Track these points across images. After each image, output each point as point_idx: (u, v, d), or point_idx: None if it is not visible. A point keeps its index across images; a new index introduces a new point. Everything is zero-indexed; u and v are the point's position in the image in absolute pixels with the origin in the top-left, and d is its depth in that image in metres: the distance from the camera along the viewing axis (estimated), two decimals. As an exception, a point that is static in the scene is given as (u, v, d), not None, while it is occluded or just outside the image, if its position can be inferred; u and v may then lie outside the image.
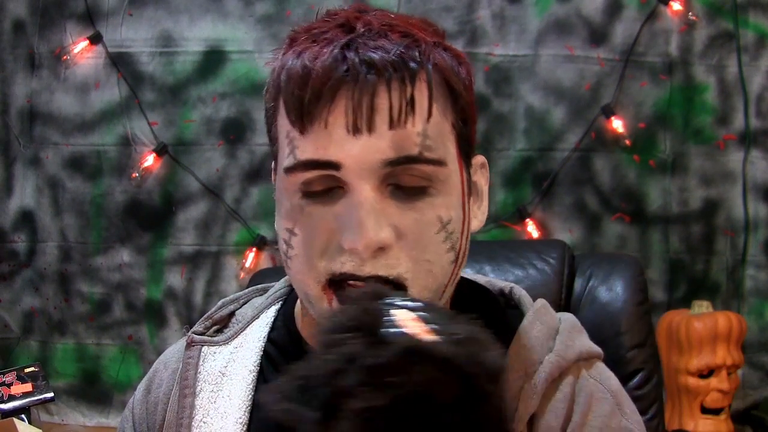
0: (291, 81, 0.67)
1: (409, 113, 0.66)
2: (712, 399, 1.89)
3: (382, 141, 0.66)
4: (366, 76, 0.65)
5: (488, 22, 2.19)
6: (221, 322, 0.87)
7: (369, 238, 0.65)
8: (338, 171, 0.66)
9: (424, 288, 0.69)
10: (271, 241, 2.25)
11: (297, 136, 0.68)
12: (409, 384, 0.48)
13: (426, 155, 0.67)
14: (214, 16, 2.26)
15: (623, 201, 2.19)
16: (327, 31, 0.69)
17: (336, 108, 0.65)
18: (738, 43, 2.17)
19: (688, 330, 1.89)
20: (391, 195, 0.67)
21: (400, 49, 0.66)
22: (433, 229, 0.68)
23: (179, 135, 2.28)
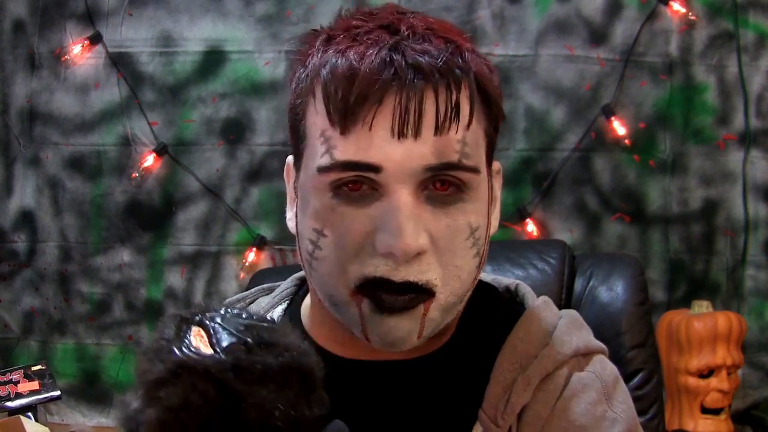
0: (335, 79, 0.66)
1: (453, 120, 0.66)
2: (712, 399, 1.88)
3: (425, 147, 0.65)
4: (414, 81, 0.65)
5: (488, 22, 2.19)
6: None
7: (408, 244, 0.65)
8: (377, 174, 0.66)
9: (451, 293, 0.69)
10: (271, 241, 2.25)
11: (335, 136, 0.67)
12: (170, 396, 0.53)
13: (464, 162, 0.67)
14: (214, 16, 2.25)
15: (623, 201, 2.19)
16: (370, 32, 0.68)
17: (382, 110, 0.65)
18: (738, 43, 2.17)
19: (688, 330, 1.89)
20: (426, 200, 0.67)
21: (446, 54, 0.66)
22: (463, 236, 0.69)
23: (179, 135, 2.28)
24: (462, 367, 0.76)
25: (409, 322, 0.68)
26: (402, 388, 0.75)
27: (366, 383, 0.76)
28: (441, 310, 0.69)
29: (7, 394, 1.14)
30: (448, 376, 0.76)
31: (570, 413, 0.72)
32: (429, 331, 0.70)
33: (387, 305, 0.67)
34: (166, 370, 0.54)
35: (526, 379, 0.72)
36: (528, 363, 0.73)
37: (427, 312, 0.68)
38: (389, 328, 0.68)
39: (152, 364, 0.56)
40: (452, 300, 0.69)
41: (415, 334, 0.69)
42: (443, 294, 0.68)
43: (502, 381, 0.73)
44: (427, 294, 0.67)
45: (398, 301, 0.67)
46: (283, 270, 2.03)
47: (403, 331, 0.68)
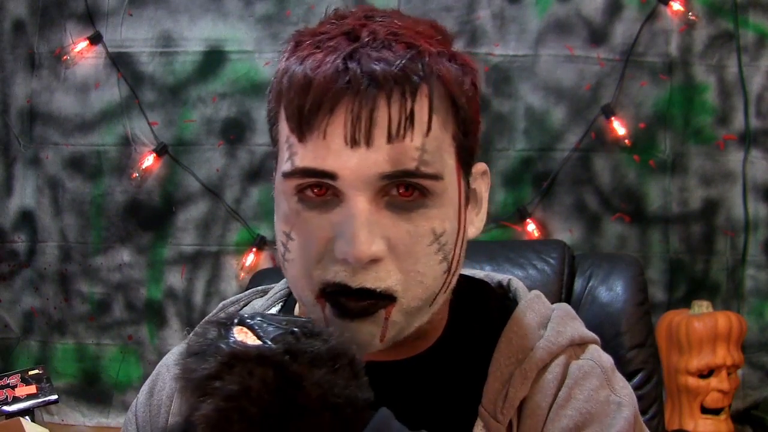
0: (292, 88, 0.67)
1: (408, 128, 0.66)
2: (712, 399, 1.89)
3: (380, 154, 0.65)
4: (367, 89, 0.64)
5: (488, 22, 2.19)
6: None
7: (361, 251, 0.65)
8: (334, 181, 0.66)
9: (414, 298, 0.69)
10: (270, 241, 2.25)
11: (296, 143, 0.68)
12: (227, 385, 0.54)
13: (423, 170, 0.67)
14: (214, 16, 2.26)
15: (623, 201, 2.19)
16: (332, 38, 0.68)
17: (335, 119, 0.65)
18: (738, 43, 2.17)
19: (688, 330, 1.89)
20: (386, 206, 0.67)
21: (403, 61, 0.65)
22: (426, 241, 0.68)
23: (179, 135, 2.28)
24: (457, 363, 0.77)
25: (371, 326, 0.68)
26: (398, 389, 0.75)
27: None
28: (404, 314, 0.69)
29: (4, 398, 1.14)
30: (444, 374, 0.76)
31: (575, 401, 0.73)
32: (393, 334, 0.70)
33: (346, 310, 0.68)
34: (219, 363, 0.55)
35: (523, 372, 0.73)
36: (524, 356, 0.74)
37: (389, 316, 0.68)
38: (350, 333, 0.68)
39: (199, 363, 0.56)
40: (416, 304, 0.69)
41: (377, 337, 0.69)
42: (405, 299, 0.68)
43: (500, 376, 0.73)
44: (387, 300, 0.68)
45: (357, 306, 0.67)
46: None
47: (364, 335, 0.69)
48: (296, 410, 0.54)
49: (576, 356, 0.76)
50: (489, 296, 0.83)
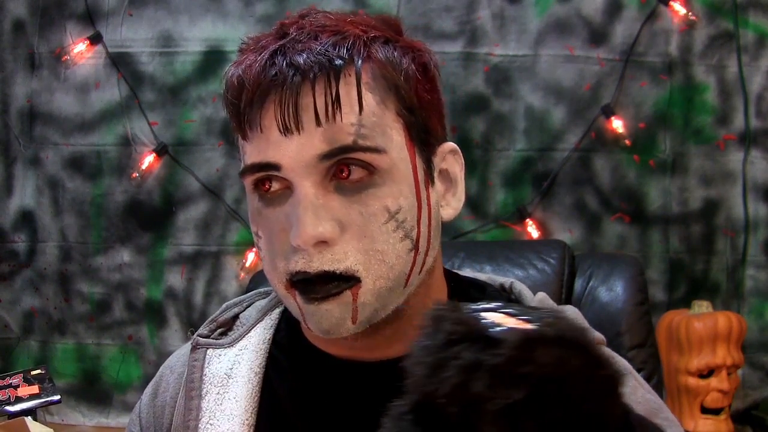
0: (229, 92, 0.71)
1: (336, 109, 0.68)
2: (712, 399, 1.88)
3: (313, 138, 0.68)
4: (292, 78, 0.68)
5: (488, 22, 2.19)
6: (226, 325, 0.88)
7: (306, 232, 0.67)
8: (279, 171, 0.69)
9: (378, 277, 0.70)
10: (271, 241, 2.25)
11: (243, 143, 0.72)
12: (539, 369, 0.48)
13: (361, 143, 0.68)
14: (214, 16, 2.26)
15: (623, 201, 2.19)
16: (264, 39, 0.72)
17: (267, 112, 0.69)
18: (738, 43, 2.17)
19: (688, 330, 1.89)
20: (335, 190, 0.69)
21: (326, 48, 0.69)
22: (381, 220, 0.70)
23: (179, 135, 2.28)
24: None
25: (339, 308, 0.70)
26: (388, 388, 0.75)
27: (358, 383, 0.76)
28: (372, 295, 0.70)
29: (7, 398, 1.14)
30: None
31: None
32: (366, 316, 0.71)
33: (312, 294, 0.70)
34: (514, 348, 0.48)
35: None
36: None
37: (357, 298, 0.70)
38: (321, 315, 0.70)
39: (471, 352, 0.49)
40: (383, 284, 0.70)
41: (349, 319, 0.70)
42: (369, 279, 0.69)
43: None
44: (352, 280, 0.69)
45: (321, 289, 0.69)
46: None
47: (335, 318, 0.70)
48: (603, 394, 0.49)
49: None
50: (490, 297, 0.83)
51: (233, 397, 0.80)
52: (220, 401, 0.80)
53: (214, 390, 0.81)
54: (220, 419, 0.79)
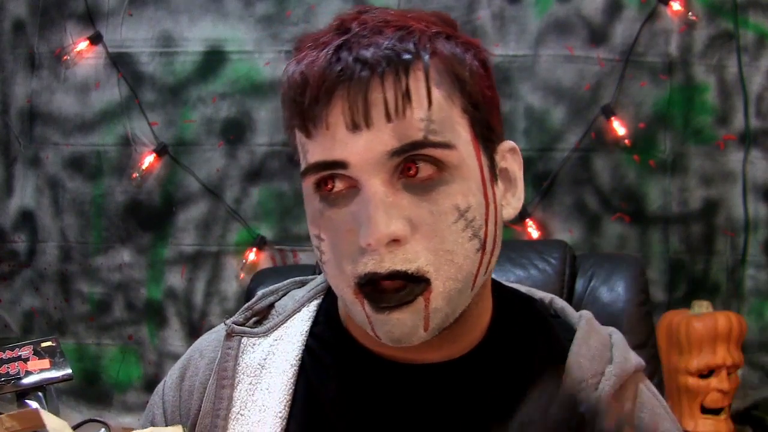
0: (292, 89, 0.68)
1: (406, 104, 0.66)
2: (712, 399, 1.88)
3: (383, 134, 0.66)
4: (360, 74, 0.65)
5: (488, 22, 2.19)
6: (261, 314, 0.86)
7: (380, 231, 0.65)
8: (346, 169, 0.67)
9: (448, 279, 0.68)
10: (271, 241, 2.25)
11: (306, 141, 0.69)
12: None
13: (431, 138, 0.66)
14: (214, 16, 2.25)
15: (623, 201, 2.19)
16: (325, 35, 0.69)
17: (334, 108, 0.66)
18: (738, 43, 2.17)
19: (688, 330, 1.89)
20: (404, 188, 0.67)
21: (393, 42, 0.66)
22: (451, 219, 0.68)
23: (179, 135, 2.28)
24: (498, 372, 0.76)
25: (412, 317, 0.68)
26: (439, 391, 0.75)
27: (403, 385, 0.75)
28: (443, 299, 0.68)
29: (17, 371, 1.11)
30: (484, 381, 0.75)
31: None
32: (437, 323, 0.69)
33: (384, 303, 0.67)
34: None
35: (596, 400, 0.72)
36: (595, 381, 0.73)
37: (429, 303, 0.67)
38: (392, 325, 0.68)
39: None
40: (452, 286, 0.68)
41: (421, 327, 0.68)
42: (439, 281, 0.67)
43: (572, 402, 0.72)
44: (422, 283, 0.67)
45: (393, 297, 0.67)
46: (284, 270, 2.03)
47: (407, 327, 0.68)
48: None
49: (636, 382, 0.76)
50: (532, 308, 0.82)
51: (266, 388, 0.79)
52: (252, 392, 0.79)
53: (246, 380, 0.80)
54: (251, 410, 0.78)
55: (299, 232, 2.24)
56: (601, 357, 0.75)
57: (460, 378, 0.75)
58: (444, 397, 0.74)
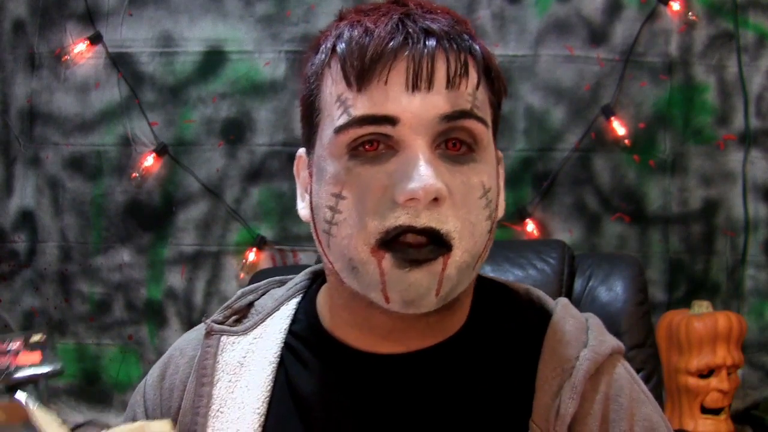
0: (351, 43, 0.70)
1: (463, 76, 0.70)
2: (712, 399, 1.88)
3: (439, 97, 0.69)
4: (425, 41, 0.69)
5: (488, 22, 2.19)
6: (240, 312, 0.87)
7: (431, 183, 0.66)
8: (394, 126, 0.68)
9: (465, 250, 0.70)
10: (271, 241, 2.25)
11: (352, 96, 0.70)
12: None
13: (476, 112, 0.70)
14: (214, 16, 2.26)
15: (623, 201, 2.19)
16: (380, 7, 0.73)
17: (396, 67, 0.69)
18: (738, 43, 2.17)
19: (688, 330, 1.89)
20: (440, 157, 0.70)
21: (451, 24, 0.71)
22: (477, 194, 0.71)
23: (179, 135, 2.28)
24: (482, 360, 0.77)
25: (428, 278, 0.69)
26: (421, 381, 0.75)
27: (385, 378, 0.76)
28: (457, 269, 0.70)
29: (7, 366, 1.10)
30: (467, 367, 0.76)
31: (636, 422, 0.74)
32: (446, 290, 0.70)
33: (410, 256, 0.68)
34: None
35: (570, 386, 0.72)
36: (569, 365, 0.74)
37: (446, 267, 0.69)
38: (409, 283, 0.69)
39: None
40: (466, 259, 0.70)
41: (434, 290, 0.69)
42: (459, 250, 0.69)
43: (548, 389, 0.73)
44: (446, 247, 0.69)
45: (420, 252, 0.68)
46: (283, 270, 2.03)
47: (422, 288, 0.69)
48: None
49: (614, 366, 0.76)
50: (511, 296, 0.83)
51: (245, 385, 0.79)
52: (231, 389, 0.80)
53: (226, 377, 0.81)
54: (230, 407, 0.79)
55: (299, 232, 2.24)
56: (576, 341, 0.76)
57: (439, 368, 0.76)
58: (423, 388, 0.75)
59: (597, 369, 0.74)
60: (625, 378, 0.76)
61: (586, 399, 0.73)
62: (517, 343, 0.77)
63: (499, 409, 0.74)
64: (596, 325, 0.79)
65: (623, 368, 0.77)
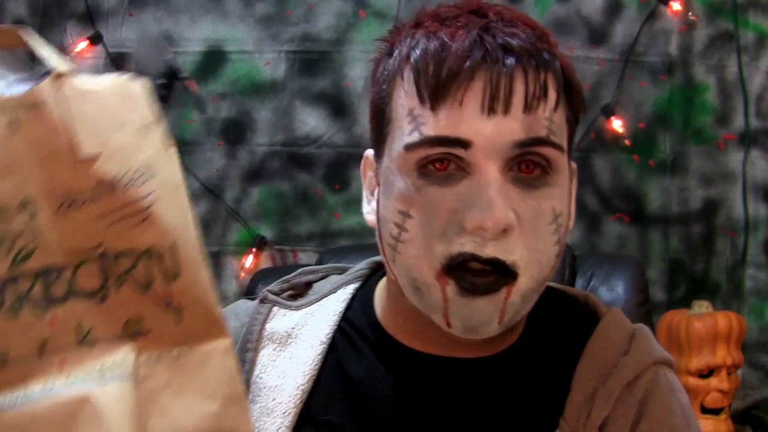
0: (427, 57, 0.67)
1: (541, 100, 0.67)
2: (712, 399, 1.88)
3: (515, 123, 0.66)
4: (504, 60, 0.66)
5: (488, 22, 2.19)
6: (297, 289, 0.86)
7: (499, 216, 0.64)
8: (466, 150, 0.66)
9: (531, 278, 0.68)
10: (271, 241, 2.25)
11: (425, 113, 0.67)
12: None
13: (552, 138, 0.67)
14: (214, 16, 2.25)
15: (623, 201, 2.19)
16: (459, 16, 0.69)
17: (473, 87, 0.66)
18: (738, 43, 2.17)
19: (688, 330, 1.89)
20: (512, 181, 0.67)
21: (533, 39, 0.68)
22: (547, 220, 0.68)
23: (179, 135, 2.28)
24: (535, 367, 0.76)
25: (491, 306, 0.68)
26: (473, 387, 0.75)
27: (437, 379, 0.75)
28: (521, 296, 0.69)
29: None
30: (520, 376, 0.75)
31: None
32: (509, 317, 0.69)
33: (472, 286, 0.67)
34: None
35: (606, 390, 0.71)
36: (608, 371, 0.72)
37: (509, 296, 0.68)
38: (472, 311, 0.68)
39: None
40: (532, 285, 0.69)
41: (496, 319, 0.68)
42: (524, 278, 0.68)
43: (583, 389, 0.72)
44: (511, 277, 0.67)
45: (483, 282, 0.66)
46: (284, 270, 2.03)
47: (485, 315, 0.68)
48: None
49: (657, 377, 0.74)
50: (567, 304, 0.82)
51: (289, 357, 0.79)
52: (274, 358, 0.79)
53: (270, 345, 0.80)
54: (270, 375, 0.78)
55: (299, 232, 2.24)
56: (618, 347, 0.74)
57: (492, 376, 0.75)
58: (474, 394, 0.74)
59: (635, 377, 0.73)
60: (664, 389, 0.74)
61: (620, 405, 0.71)
62: (562, 346, 0.76)
63: (533, 405, 0.73)
64: (643, 335, 0.77)
65: (664, 378, 0.75)
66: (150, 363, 0.64)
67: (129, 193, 0.65)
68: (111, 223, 0.64)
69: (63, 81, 0.66)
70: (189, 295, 0.68)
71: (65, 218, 0.62)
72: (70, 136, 0.62)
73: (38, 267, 0.61)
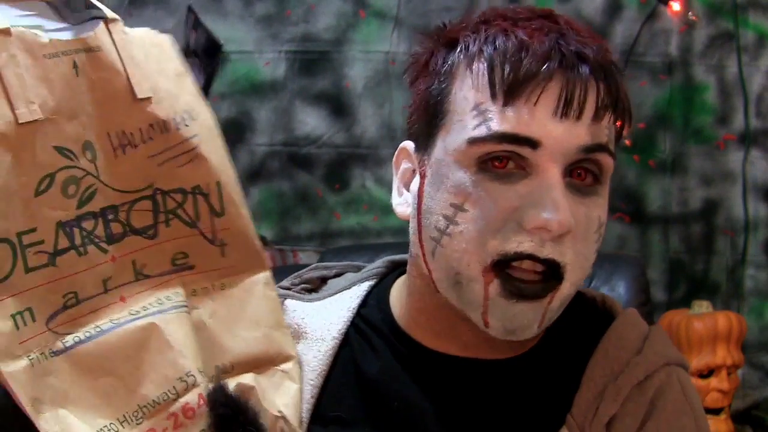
0: (505, 53, 0.67)
1: (608, 108, 0.69)
2: (712, 399, 1.88)
3: (583, 128, 0.67)
4: (579, 67, 0.67)
5: (488, 22, 2.19)
6: (310, 283, 0.87)
7: (566, 218, 0.65)
8: (534, 150, 0.66)
9: (573, 284, 0.70)
10: (271, 241, 2.25)
11: (495, 109, 0.67)
12: None
13: (610, 147, 0.70)
14: (214, 16, 2.25)
15: (623, 201, 2.19)
16: (531, 19, 0.70)
17: (548, 90, 0.66)
18: (738, 43, 2.17)
19: (688, 330, 1.89)
20: (568, 186, 0.68)
21: (602, 50, 0.69)
22: (593, 228, 0.70)
23: (179, 135, 2.28)
24: (551, 370, 0.76)
25: (533, 312, 0.69)
26: (490, 388, 0.75)
27: (454, 379, 0.75)
28: (561, 301, 0.70)
29: None
30: (537, 378, 0.75)
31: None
32: (546, 322, 0.70)
33: (518, 290, 0.67)
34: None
35: (616, 388, 0.71)
36: (619, 369, 0.72)
37: (552, 301, 0.69)
38: (514, 314, 0.68)
39: None
40: (571, 291, 0.70)
41: (537, 323, 0.69)
42: (568, 283, 0.69)
43: (593, 386, 0.72)
44: (557, 281, 0.68)
45: (532, 289, 0.67)
46: (284, 270, 2.03)
47: (527, 319, 0.69)
48: None
49: (669, 378, 0.74)
50: (585, 306, 0.82)
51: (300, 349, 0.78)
52: None
53: None
54: None
55: (299, 232, 2.24)
56: (630, 347, 0.74)
57: (512, 377, 0.75)
58: (491, 395, 0.74)
59: (647, 377, 0.73)
60: (675, 389, 0.74)
61: (630, 403, 0.71)
62: (579, 347, 0.76)
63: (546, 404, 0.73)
64: (658, 336, 0.78)
65: (677, 380, 0.75)
66: (198, 294, 0.68)
67: (178, 134, 0.68)
68: (162, 163, 0.67)
69: (113, 27, 0.69)
70: (233, 230, 0.72)
71: (121, 159, 0.65)
72: (125, 79, 0.66)
73: (99, 207, 0.64)
